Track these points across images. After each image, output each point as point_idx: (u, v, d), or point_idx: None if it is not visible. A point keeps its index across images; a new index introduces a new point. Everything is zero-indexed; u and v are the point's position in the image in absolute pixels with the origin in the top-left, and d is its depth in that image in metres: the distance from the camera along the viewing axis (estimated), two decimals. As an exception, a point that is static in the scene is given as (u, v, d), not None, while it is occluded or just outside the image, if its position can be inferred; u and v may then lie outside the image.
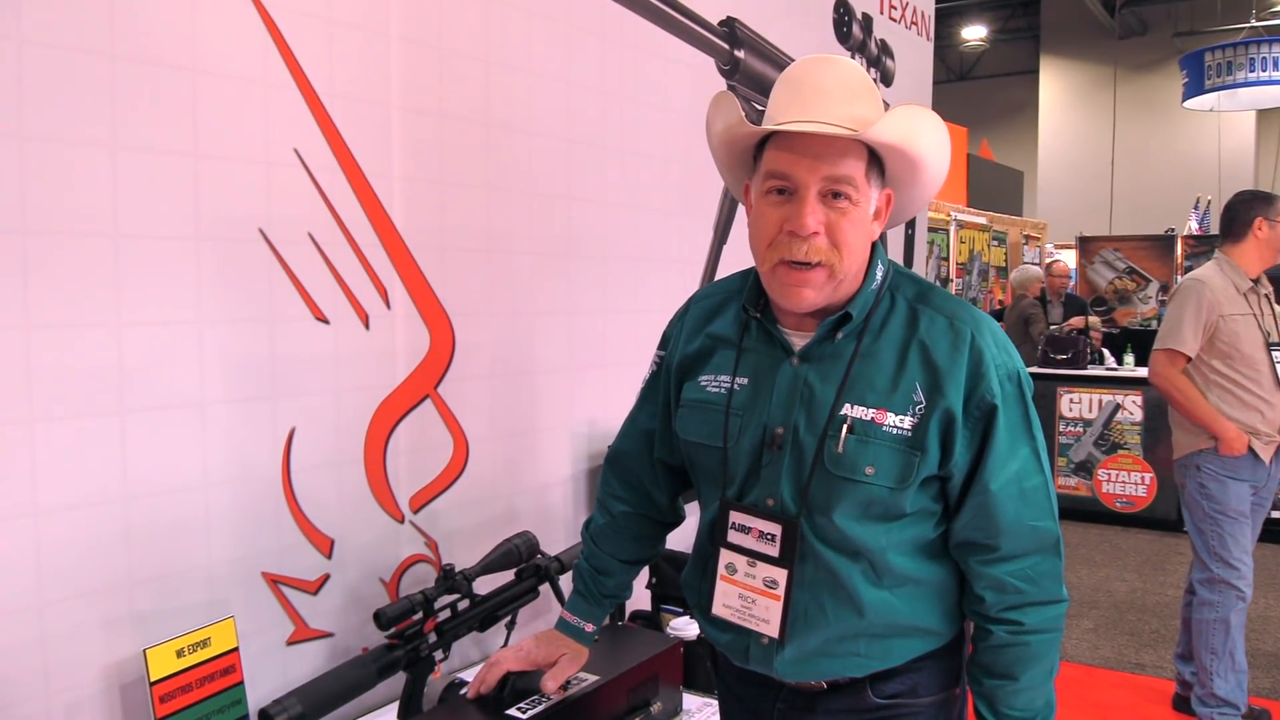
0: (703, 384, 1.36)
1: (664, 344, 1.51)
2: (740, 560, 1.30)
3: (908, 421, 1.22)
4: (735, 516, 1.30)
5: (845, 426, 1.22)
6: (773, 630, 1.28)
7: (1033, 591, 1.25)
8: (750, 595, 1.29)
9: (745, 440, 1.30)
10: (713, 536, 1.34)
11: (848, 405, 1.23)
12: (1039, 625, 1.25)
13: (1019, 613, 1.25)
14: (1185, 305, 3.31)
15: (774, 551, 1.26)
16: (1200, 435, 3.32)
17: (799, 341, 1.30)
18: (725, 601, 1.32)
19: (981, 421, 1.23)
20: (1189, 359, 3.32)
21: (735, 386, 1.32)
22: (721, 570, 1.32)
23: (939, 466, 1.23)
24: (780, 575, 1.26)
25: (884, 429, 1.22)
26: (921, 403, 1.22)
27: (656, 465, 1.52)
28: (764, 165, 1.25)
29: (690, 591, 1.44)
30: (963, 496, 1.25)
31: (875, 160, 1.25)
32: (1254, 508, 3.35)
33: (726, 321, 1.38)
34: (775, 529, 1.26)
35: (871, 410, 1.23)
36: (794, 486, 1.26)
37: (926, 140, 1.25)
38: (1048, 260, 9.32)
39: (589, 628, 1.56)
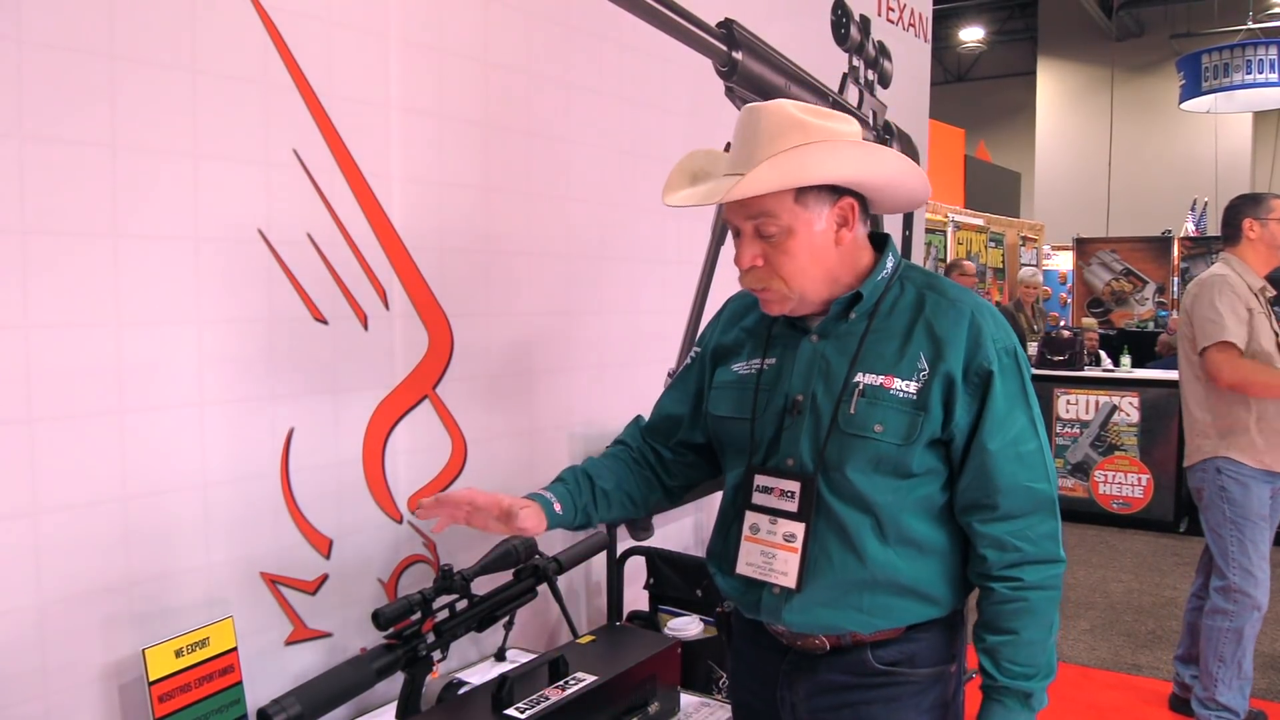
0: (735, 369, 1.51)
1: (701, 339, 1.63)
2: (763, 519, 1.41)
3: (913, 386, 1.34)
4: (759, 479, 1.42)
5: (857, 391, 1.36)
6: (790, 581, 1.37)
7: (1031, 550, 1.34)
8: (771, 551, 1.40)
9: (771, 410, 1.43)
10: (736, 501, 1.46)
11: (860, 374, 1.37)
12: (1038, 582, 1.34)
13: (1018, 570, 1.34)
14: (1216, 299, 3.17)
15: (793, 507, 1.38)
16: (1226, 440, 3.24)
17: (817, 324, 1.44)
18: (748, 560, 1.42)
19: (980, 387, 1.34)
20: (1240, 350, 3.14)
21: (764, 366, 1.46)
22: (746, 531, 1.43)
23: (941, 429, 1.35)
24: (798, 529, 1.37)
25: (891, 392, 1.35)
26: (925, 370, 1.35)
27: (669, 448, 1.61)
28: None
29: (713, 559, 1.52)
30: (964, 458, 1.36)
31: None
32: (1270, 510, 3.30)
33: (757, 318, 1.53)
34: (794, 486, 1.38)
35: (880, 377, 1.36)
36: (812, 446, 1.38)
37: (820, 169, 1.32)
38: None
39: (557, 506, 1.50)
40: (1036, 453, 1.35)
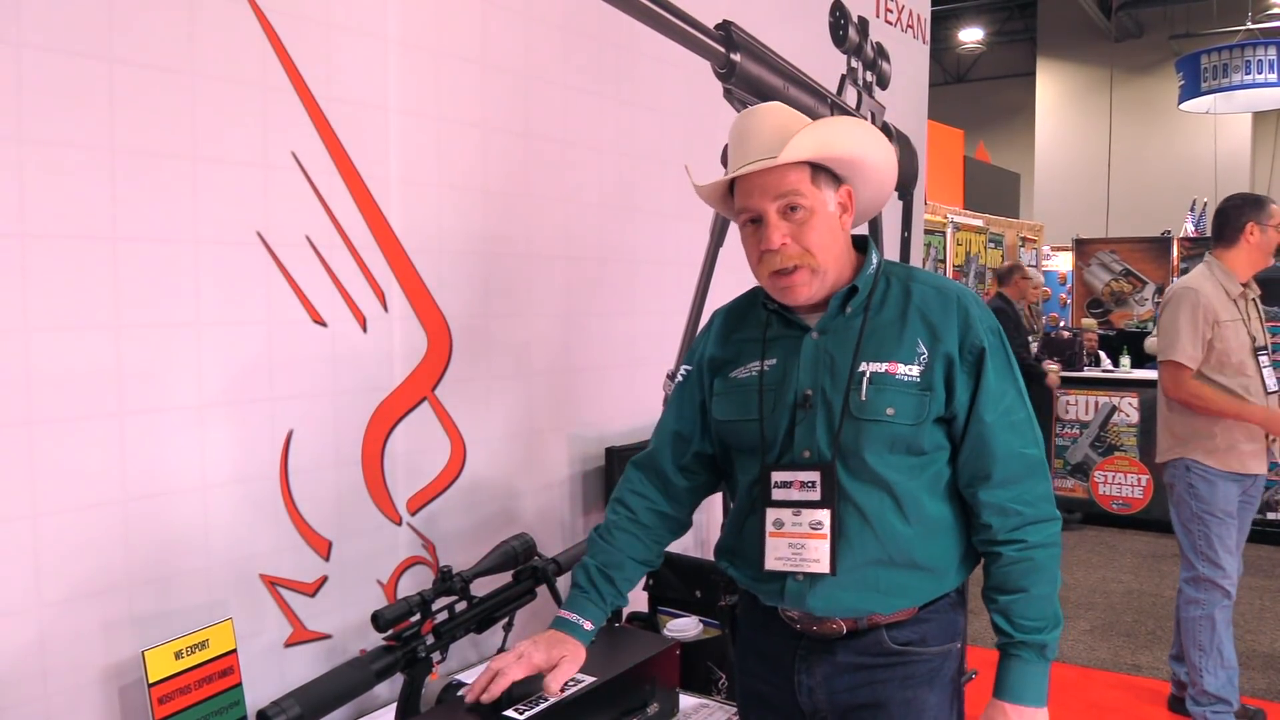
0: (734, 375, 1.55)
1: (691, 357, 1.66)
2: (786, 514, 1.46)
3: (915, 370, 1.44)
4: (777, 476, 1.47)
5: (865, 380, 1.43)
6: (824, 567, 1.42)
7: (1030, 512, 1.44)
8: (799, 542, 1.45)
9: (780, 408, 1.49)
10: (754, 500, 1.50)
11: (864, 363, 1.45)
12: (1040, 541, 1.44)
13: (1022, 532, 1.44)
14: (1180, 313, 3.27)
15: (816, 496, 1.44)
16: (1189, 444, 3.31)
17: (814, 321, 1.51)
18: (776, 554, 1.46)
19: (975, 365, 1.45)
20: (1191, 370, 3.27)
21: (765, 368, 1.51)
22: (770, 528, 1.47)
23: (945, 407, 1.44)
24: (824, 515, 1.43)
25: (897, 377, 1.43)
26: (924, 353, 1.44)
27: (680, 471, 1.64)
28: (735, 204, 1.51)
29: (725, 554, 1.57)
30: (964, 432, 1.46)
31: (821, 168, 1.46)
32: (1242, 506, 3.35)
33: (749, 325, 1.59)
34: (814, 476, 1.44)
35: (884, 364, 1.44)
36: (827, 435, 1.45)
37: (844, 140, 1.46)
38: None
39: (588, 625, 1.58)
40: (1025, 421, 1.47)
